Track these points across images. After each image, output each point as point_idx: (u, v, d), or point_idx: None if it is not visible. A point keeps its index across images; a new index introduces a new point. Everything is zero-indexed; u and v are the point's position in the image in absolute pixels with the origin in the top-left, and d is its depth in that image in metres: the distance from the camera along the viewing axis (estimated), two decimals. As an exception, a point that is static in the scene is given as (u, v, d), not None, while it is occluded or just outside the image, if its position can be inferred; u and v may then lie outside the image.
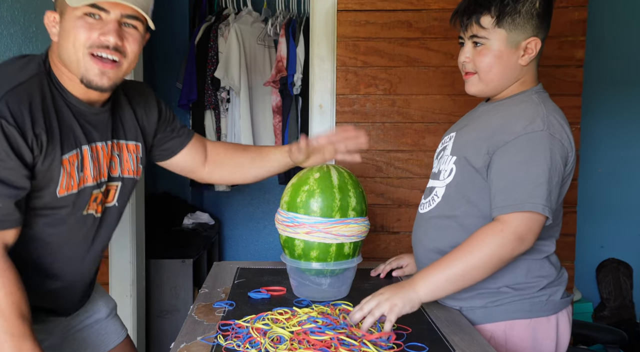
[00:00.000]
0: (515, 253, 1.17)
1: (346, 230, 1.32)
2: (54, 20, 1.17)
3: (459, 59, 1.32)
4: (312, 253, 1.33)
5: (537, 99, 1.26)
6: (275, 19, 3.11)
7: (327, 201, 1.32)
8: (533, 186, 1.16)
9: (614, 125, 3.14)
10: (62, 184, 1.15)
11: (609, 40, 3.08)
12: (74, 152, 1.17)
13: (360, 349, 1.02)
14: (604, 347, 1.85)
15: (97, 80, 1.14)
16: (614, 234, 3.19)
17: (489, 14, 1.23)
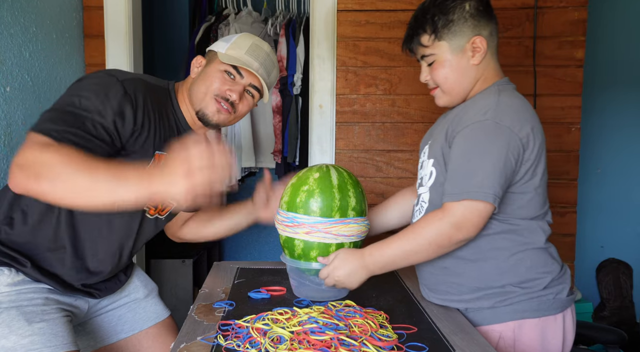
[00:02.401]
0: (453, 241, 1.22)
1: (346, 230, 1.33)
2: (200, 63, 1.45)
3: (421, 78, 1.39)
4: (312, 253, 1.33)
5: (494, 90, 1.29)
6: (275, 19, 3.11)
7: (326, 200, 1.32)
8: (473, 175, 1.19)
9: (614, 125, 3.14)
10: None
11: (609, 40, 3.08)
12: (164, 153, 1.35)
13: (360, 349, 1.02)
14: (604, 347, 1.85)
15: (210, 115, 1.40)
16: (614, 234, 3.19)
17: (426, 33, 1.32)
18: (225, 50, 1.40)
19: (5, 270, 1.29)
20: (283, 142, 3.06)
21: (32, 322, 1.25)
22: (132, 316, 1.57)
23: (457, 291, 1.31)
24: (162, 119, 1.35)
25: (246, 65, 1.39)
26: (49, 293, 1.34)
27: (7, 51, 1.79)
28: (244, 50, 1.41)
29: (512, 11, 2.18)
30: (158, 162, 1.33)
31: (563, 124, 2.23)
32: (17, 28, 1.84)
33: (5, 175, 1.80)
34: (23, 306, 1.27)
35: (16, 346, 1.22)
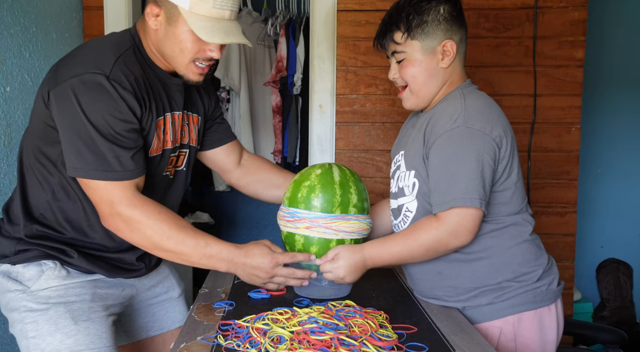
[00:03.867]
0: (450, 247, 1.25)
1: (347, 226, 1.33)
2: (156, 15, 1.27)
3: (389, 75, 1.40)
4: (312, 248, 1.33)
5: (459, 95, 1.30)
6: (275, 19, 3.11)
7: (327, 196, 1.32)
8: (455, 182, 1.22)
9: (614, 125, 3.14)
10: (153, 145, 1.31)
11: (609, 40, 3.08)
12: (161, 117, 1.32)
13: (360, 349, 1.02)
14: (604, 347, 1.85)
15: (194, 79, 1.32)
16: (614, 234, 3.19)
17: (399, 31, 1.32)
18: (189, 7, 1.22)
19: (51, 263, 1.30)
20: (283, 142, 3.06)
21: (78, 320, 1.27)
22: (163, 314, 1.56)
23: (454, 293, 1.32)
24: (150, 87, 1.31)
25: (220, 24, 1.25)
26: (96, 287, 1.34)
27: (7, 51, 1.79)
28: (211, 3, 1.23)
29: (512, 11, 2.19)
30: (160, 129, 1.32)
31: (563, 124, 2.24)
32: (17, 28, 1.84)
33: (5, 175, 1.80)
34: (70, 303, 1.29)
35: (61, 345, 1.24)
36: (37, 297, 1.28)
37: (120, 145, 1.21)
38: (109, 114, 1.19)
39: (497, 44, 2.19)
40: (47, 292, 1.28)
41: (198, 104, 1.50)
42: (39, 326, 1.26)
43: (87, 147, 1.19)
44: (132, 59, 1.28)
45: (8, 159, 1.82)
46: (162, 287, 1.55)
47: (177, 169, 1.45)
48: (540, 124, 2.23)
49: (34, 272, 1.29)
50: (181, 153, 1.44)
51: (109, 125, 1.19)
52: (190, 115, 1.46)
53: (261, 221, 3.75)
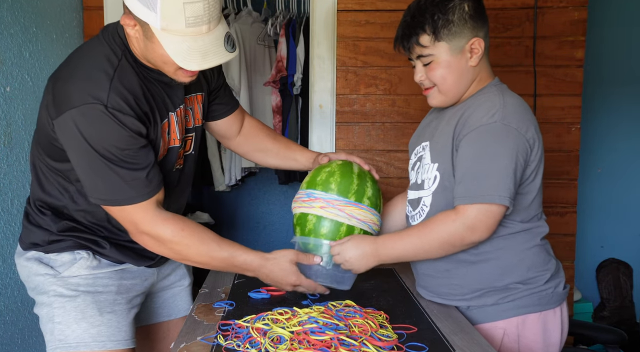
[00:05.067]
0: (465, 242, 1.23)
1: (359, 213, 1.33)
2: (133, 25, 1.18)
3: (415, 78, 1.37)
4: (322, 229, 1.34)
5: (496, 91, 1.29)
6: (275, 19, 3.11)
7: (345, 182, 1.35)
8: (485, 177, 1.20)
9: (614, 125, 3.14)
10: (161, 149, 1.32)
11: (609, 40, 3.08)
12: (166, 120, 1.32)
13: (360, 349, 1.02)
14: (604, 347, 1.85)
15: (185, 80, 1.28)
16: (614, 234, 3.19)
17: (425, 33, 1.28)
18: (160, 27, 1.13)
19: (84, 253, 1.35)
20: (283, 142, 3.06)
21: (104, 312, 1.33)
22: (172, 301, 1.60)
23: (459, 292, 1.32)
24: (150, 96, 1.27)
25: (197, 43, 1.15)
26: (122, 278, 1.40)
27: (7, 51, 1.79)
28: (183, 23, 1.12)
29: (512, 11, 2.19)
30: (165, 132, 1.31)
31: (563, 124, 2.24)
32: (17, 28, 1.84)
33: (5, 175, 1.80)
34: (98, 293, 1.34)
35: (85, 334, 1.31)
36: (68, 283, 1.33)
37: (133, 168, 1.21)
38: (115, 142, 1.18)
39: (497, 44, 2.19)
40: (77, 280, 1.34)
41: (200, 81, 1.46)
42: (67, 312, 1.31)
43: (99, 178, 1.21)
44: (126, 71, 1.23)
45: (8, 159, 1.82)
46: (175, 275, 1.60)
47: (186, 153, 1.45)
48: (540, 124, 2.18)
49: (67, 260, 1.34)
50: (187, 138, 1.44)
51: (117, 153, 1.19)
52: (193, 97, 1.44)
53: (261, 221, 3.75)
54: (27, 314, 1.91)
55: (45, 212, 1.36)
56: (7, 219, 1.81)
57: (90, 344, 1.31)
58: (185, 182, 1.50)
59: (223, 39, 1.19)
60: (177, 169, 1.42)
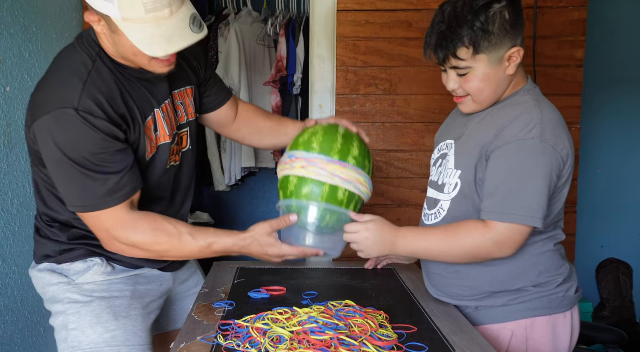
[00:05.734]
0: (491, 257, 1.22)
1: (343, 173, 1.27)
2: (98, 21, 1.17)
3: (447, 87, 1.30)
4: (304, 190, 1.28)
5: (533, 101, 1.24)
6: (275, 19, 3.11)
7: (328, 141, 1.29)
8: (517, 196, 1.17)
9: (614, 125, 3.14)
10: (147, 149, 1.29)
11: (609, 40, 3.08)
12: (150, 117, 1.29)
13: (360, 349, 1.02)
14: (604, 347, 1.85)
15: (162, 71, 1.24)
16: (614, 234, 3.19)
17: (464, 46, 1.19)
18: (122, 18, 1.10)
19: (98, 259, 1.34)
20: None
21: (119, 317, 1.33)
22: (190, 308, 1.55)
23: (470, 293, 1.31)
24: (129, 96, 1.25)
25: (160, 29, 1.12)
26: (137, 284, 1.40)
27: (7, 51, 1.79)
28: (142, 10, 1.09)
29: (512, 11, 2.18)
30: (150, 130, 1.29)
31: (563, 124, 2.23)
32: (17, 28, 1.84)
33: (5, 175, 1.80)
34: (113, 298, 1.34)
35: (99, 339, 1.30)
36: (82, 290, 1.33)
37: (107, 172, 1.19)
38: (88, 147, 1.16)
39: (497, 44, 2.19)
40: (91, 286, 1.33)
41: (187, 74, 1.43)
42: (82, 318, 1.30)
43: (74, 184, 1.19)
44: (102, 73, 1.21)
45: (8, 159, 1.82)
46: (192, 281, 1.59)
47: (183, 151, 1.43)
48: (540, 124, 2.23)
49: (81, 268, 1.34)
50: (182, 134, 1.41)
51: (91, 158, 1.17)
52: (182, 91, 1.42)
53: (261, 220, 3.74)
54: (27, 314, 1.91)
55: (53, 225, 1.35)
56: (7, 219, 1.81)
57: (104, 350, 1.29)
58: (187, 181, 1.47)
59: (188, 21, 1.15)
60: (172, 166, 1.39)
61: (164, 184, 1.39)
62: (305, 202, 1.27)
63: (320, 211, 1.28)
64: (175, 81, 1.38)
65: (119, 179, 1.20)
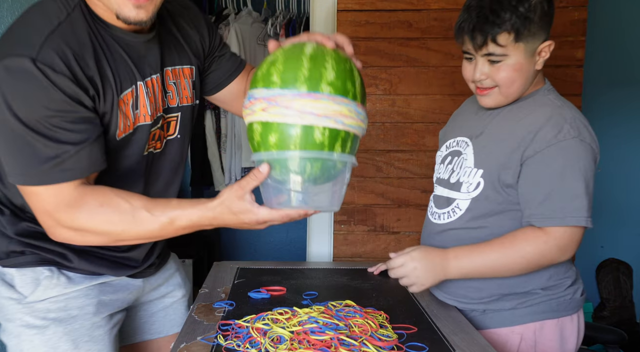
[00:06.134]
0: (554, 262, 1.21)
1: (316, 107, 0.95)
2: None
3: (473, 76, 1.25)
4: (270, 138, 0.98)
5: (557, 101, 1.25)
6: (275, 19, 3.11)
7: (290, 69, 0.97)
8: (572, 197, 1.17)
9: (614, 125, 3.14)
10: (119, 126, 1.08)
11: (609, 40, 3.08)
12: (129, 90, 1.09)
13: (360, 349, 1.02)
14: (604, 347, 1.85)
15: (133, 15, 1.02)
16: (614, 234, 3.19)
17: (506, 32, 1.16)
18: None
19: (47, 271, 1.15)
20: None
21: (79, 342, 1.16)
22: (163, 316, 1.41)
23: (477, 295, 1.30)
24: (105, 58, 1.05)
25: None
26: (101, 294, 1.21)
27: (7, 51, 1.79)
28: None
29: (512, 11, 2.18)
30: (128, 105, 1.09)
31: (563, 124, 2.23)
32: (17, 28, 1.84)
33: (5, 175, 1.80)
34: (72, 319, 1.16)
35: None
36: (35, 310, 1.15)
37: (62, 140, 0.98)
38: (41, 107, 0.96)
39: (497, 44, 2.19)
40: (45, 305, 1.15)
41: (185, 50, 1.24)
42: (35, 348, 1.14)
43: (17, 147, 0.99)
44: (75, 26, 1.02)
45: (8, 159, 1.81)
46: (168, 286, 1.41)
47: (169, 138, 1.22)
48: (540, 124, 2.23)
49: (30, 280, 1.16)
50: (170, 119, 1.21)
51: (43, 120, 0.97)
52: (179, 69, 1.22)
53: (261, 221, 3.74)
54: None
55: (3, 211, 1.17)
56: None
57: None
58: (168, 173, 1.26)
59: None
60: (150, 153, 1.18)
61: (137, 173, 1.18)
62: (275, 153, 0.98)
63: (296, 161, 0.99)
64: (170, 56, 1.19)
65: (74, 152, 0.99)
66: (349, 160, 1.01)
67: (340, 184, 1.04)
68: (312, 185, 1.02)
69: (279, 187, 1.03)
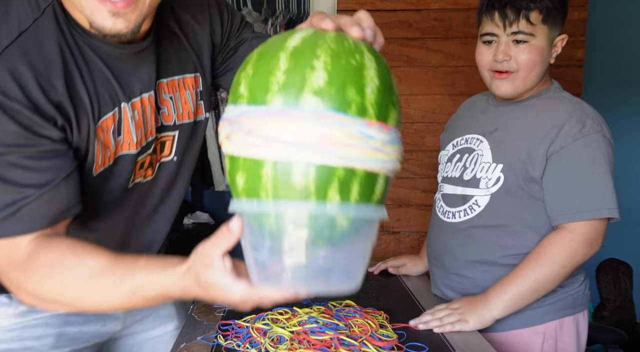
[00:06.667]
0: (586, 259, 1.19)
1: (291, 131, 0.59)
2: None
3: (495, 57, 1.23)
4: (237, 180, 0.65)
5: (574, 98, 1.27)
6: (275, 19, 3.11)
7: (260, 73, 0.62)
8: (601, 190, 1.17)
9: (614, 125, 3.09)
10: (97, 160, 0.87)
11: (609, 40, 3.08)
12: (110, 114, 0.87)
13: (360, 349, 1.02)
14: (604, 347, 1.85)
15: (109, 25, 0.79)
16: (614, 234, 3.18)
17: (537, 9, 1.19)
18: None
19: (5, 298, 0.96)
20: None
21: None
22: (145, 348, 1.21)
23: None
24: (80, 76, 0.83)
25: None
26: (66, 324, 1.02)
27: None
28: None
29: (512, 11, 2.19)
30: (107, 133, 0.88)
31: (563, 124, 2.23)
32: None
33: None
34: (25, 351, 0.97)
35: None
36: None
37: (19, 183, 0.77)
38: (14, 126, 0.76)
39: (497, 44, 2.19)
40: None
41: (190, 55, 1.00)
42: None
43: None
44: (41, 36, 0.80)
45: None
46: (156, 318, 1.20)
47: (162, 160, 1.00)
48: (540, 124, 2.23)
49: None
50: (165, 139, 0.99)
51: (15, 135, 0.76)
52: (179, 80, 0.99)
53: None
54: None
55: None
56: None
57: None
58: (160, 198, 1.04)
59: None
60: (138, 184, 0.97)
61: (119, 209, 0.97)
62: (245, 202, 0.66)
63: (270, 217, 0.63)
64: (169, 65, 0.96)
65: (35, 197, 0.78)
66: (358, 213, 0.63)
67: (352, 250, 0.65)
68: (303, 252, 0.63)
69: (258, 254, 0.67)
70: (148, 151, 0.96)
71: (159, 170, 1.01)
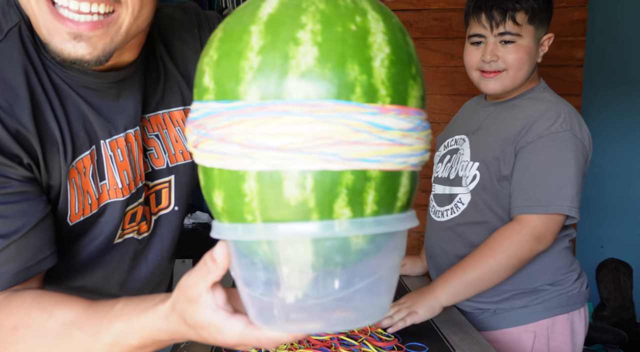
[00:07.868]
0: (533, 253, 1.19)
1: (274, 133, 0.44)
2: None
3: (483, 57, 1.26)
4: (215, 198, 0.50)
5: (553, 98, 1.27)
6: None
7: (226, 56, 0.48)
8: (557, 187, 1.17)
9: (614, 125, 3.14)
10: (72, 206, 0.75)
11: (609, 40, 3.08)
12: (86, 153, 0.76)
13: (360, 349, 1.02)
14: (604, 347, 1.85)
15: (68, 49, 0.66)
16: (614, 234, 3.19)
17: (523, 10, 1.22)
18: None
19: None
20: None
21: None
22: None
23: (487, 293, 1.28)
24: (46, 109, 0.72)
25: None
26: None
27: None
28: None
29: (512, 11, 2.19)
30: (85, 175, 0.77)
31: (563, 124, 2.24)
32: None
33: None
34: None
35: None
36: None
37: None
38: None
39: (497, 44, 2.19)
40: None
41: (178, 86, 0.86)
42: None
43: None
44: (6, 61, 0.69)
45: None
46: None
47: (161, 213, 0.87)
48: (540, 124, 2.23)
49: None
50: (160, 187, 0.86)
51: None
52: (162, 115, 0.85)
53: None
54: None
55: None
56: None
57: None
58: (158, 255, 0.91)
59: None
60: (130, 240, 0.84)
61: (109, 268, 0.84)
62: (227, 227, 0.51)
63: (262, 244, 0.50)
64: (156, 95, 0.83)
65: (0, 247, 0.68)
66: (377, 229, 0.47)
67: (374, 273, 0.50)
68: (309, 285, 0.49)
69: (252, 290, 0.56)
70: (139, 200, 0.81)
71: (157, 224, 0.87)
